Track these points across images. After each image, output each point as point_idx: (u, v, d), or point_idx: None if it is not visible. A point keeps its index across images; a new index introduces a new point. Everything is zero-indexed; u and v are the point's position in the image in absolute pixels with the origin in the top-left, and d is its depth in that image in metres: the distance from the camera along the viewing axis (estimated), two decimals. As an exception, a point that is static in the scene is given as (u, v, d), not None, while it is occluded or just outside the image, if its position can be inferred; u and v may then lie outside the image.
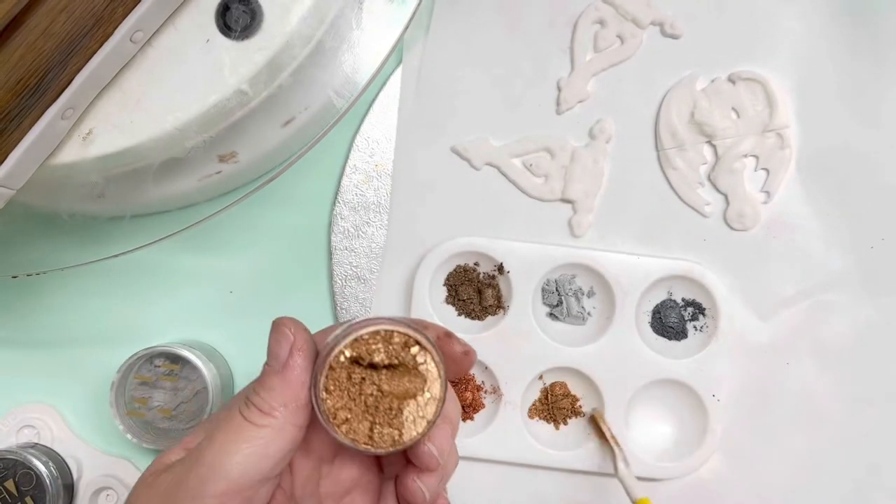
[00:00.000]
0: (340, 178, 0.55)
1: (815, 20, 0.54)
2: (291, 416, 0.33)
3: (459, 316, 0.55)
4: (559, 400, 0.54)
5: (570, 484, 0.54)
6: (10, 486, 0.52)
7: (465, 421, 0.54)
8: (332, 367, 0.33)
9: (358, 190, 0.55)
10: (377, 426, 0.33)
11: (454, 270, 0.54)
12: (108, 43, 0.41)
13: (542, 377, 0.54)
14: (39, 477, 0.52)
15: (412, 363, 0.33)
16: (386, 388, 0.33)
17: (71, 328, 0.56)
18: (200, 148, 0.45)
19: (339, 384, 0.33)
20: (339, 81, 0.47)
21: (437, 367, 0.33)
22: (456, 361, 0.35)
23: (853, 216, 0.54)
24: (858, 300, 0.54)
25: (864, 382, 0.54)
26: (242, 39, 0.44)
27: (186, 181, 0.48)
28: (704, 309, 0.54)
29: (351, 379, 0.33)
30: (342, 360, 0.33)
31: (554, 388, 0.54)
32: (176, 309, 0.56)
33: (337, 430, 0.33)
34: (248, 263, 0.56)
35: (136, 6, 0.41)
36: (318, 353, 0.34)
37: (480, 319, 0.54)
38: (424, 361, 0.33)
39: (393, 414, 0.33)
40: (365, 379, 0.33)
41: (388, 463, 0.38)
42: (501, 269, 0.53)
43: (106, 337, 0.56)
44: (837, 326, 0.54)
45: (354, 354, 0.33)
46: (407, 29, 0.47)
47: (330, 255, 0.55)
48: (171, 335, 0.56)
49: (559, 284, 0.54)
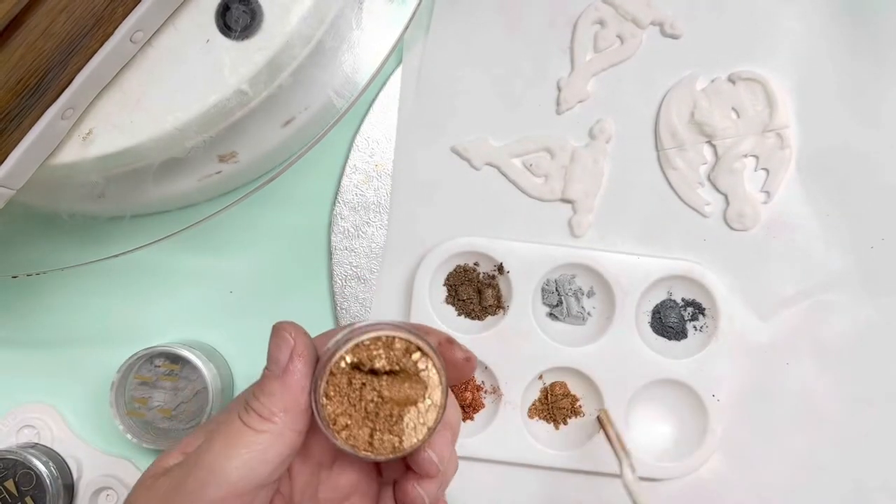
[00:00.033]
0: (340, 178, 0.55)
1: (815, 20, 0.54)
2: (291, 421, 0.33)
3: (459, 316, 0.55)
4: (559, 400, 0.54)
5: (570, 484, 0.54)
6: (10, 486, 0.52)
7: (465, 421, 0.54)
8: (332, 372, 0.33)
9: (358, 190, 0.55)
10: (377, 432, 0.33)
11: (454, 270, 0.54)
12: (108, 43, 0.41)
13: (541, 377, 0.54)
14: (39, 477, 0.52)
15: (413, 369, 0.33)
16: (386, 394, 0.33)
17: (71, 328, 0.56)
18: (200, 148, 0.45)
19: (339, 390, 0.33)
20: (339, 81, 0.47)
21: (438, 373, 0.33)
22: (457, 367, 0.35)
23: (853, 216, 0.54)
24: (858, 300, 0.54)
25: (864, 382, 0.54)
26: (242, 39, 0.44)
27: (186, 181, 0.48)
28: (704, 309, 0.54)
29: (351, 384, 0.33)
30: (343, 365, 0.33)
31: (554, 388, 0.54)
32: (176, 309, 0.56)
33: (337, 436, 0.33)
34: (248, 263, 0.56)
35: (136, 6, 0.41)
36: (318, 358, 0.34)
37: (480, 319, 0.54)
38: (426, 368, 0.33)
39: (393, 420, 0.33)
40: (365, 385, 0.33)
41: (386, 468, 0.38)
42: (501, 269, 0.53)
43: (106, 337, 0.56)
44: (837, 326, 0.54)
45: (355, 360, 0.33)
46: (407, 29, 0.47)
47: (330, 255, 0.55)
48: (171, 335, 0.56)
49: (559, 284, 0.54)
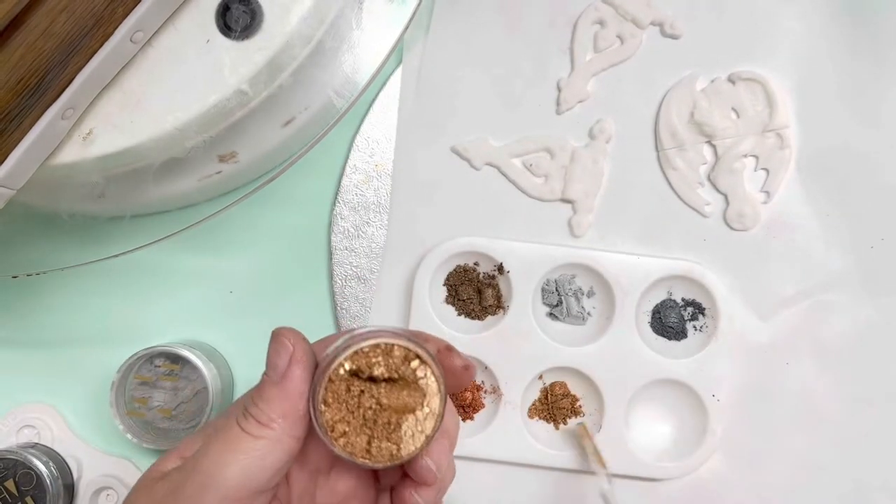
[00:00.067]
0: (340, 178, 0.55)
1: (815, 20, 0.54)
2: (289, 427, 0.33)
3: (459, 316, 0.55)
4: (559, 400, 0.54)
5: (570, 484, 0.54)
6: (10, 486, 0.52)
7: (465, 421, 0.54)
8: (331, 379, 0.32)
9: (358, 190, 0.55)
10: (375, 440, 0.33)
11: (454, 270, 0.54)
12: (108, 43, 0.41)
13: (541, 377, 0.54)
14: (40, 477, 0.52)
15: (412, 377, 0.33)
16: (385, 401, 0.33)
17: (71, 328, 0.56)
18: (200, 148, 0.45)
19: (337, 396, 0.33)
20: (339, 81, 0.47)
21: (436, 381, 0.33)
22: (456, 375, 0.35)
23: (853, 216, 0.54)
24: (858, 300, 0.54)
25: (864, 382, 0.54)
26: (242, 39, 0.44)
27: (186, 181, 0.48)
28: (704, 309, 0.54)
29: (350, 391, 0.33)
30: (342, 372, 0.32)
31: (554, 388, 0.54)
32: (176, 309, 0.56)
33: (335, 443, 0.33)
34: (248, 263, 0.56)
35: (136, 6, 0.41)
36: (317, 364, 0.34)
37: (480, 319, 0.54)
38: (424, 376, 0.33)
39: (391, 428, 0.33)
40: (364, 392, 0.33)
41: (384, 474, 0.38)
42: (501, 269, 0.53)
43: (106, 337, 0.56)
44: (837, 326, 0.54)
45: (354, 367, 0.33)
46: (407, 29, 0.47)
47: (330, 255, 0.55)
48: (171, 335, 0.56)
49: (559, 284, 0.54)
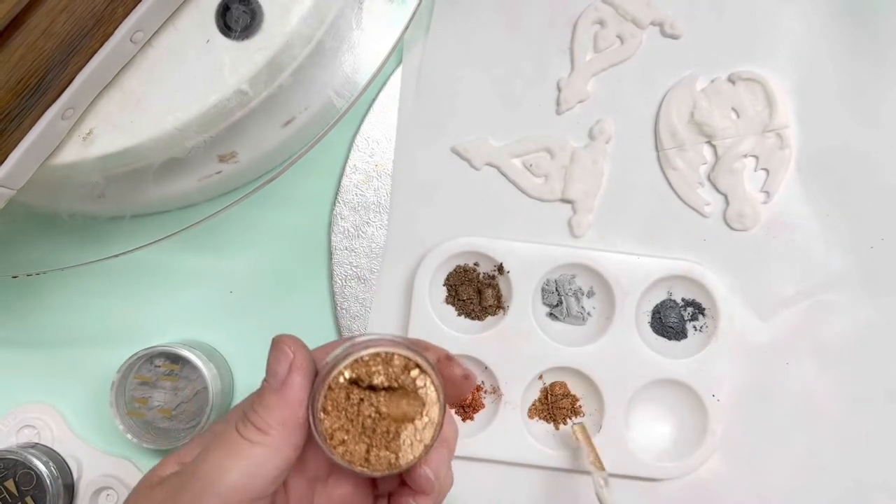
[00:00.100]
0: (340, 178, 0.55)
1: (815, 20, 0.54)
2: (288, 435, 0.33)
3: (459, 316, 0.55)
4: (559, 400, 0.54)
5: (569, 484, 0.54)
6: (10, 486, 0.52)
7: (464, 421, 0.54)
8: (331, 387, 0.32)
9: (358, 190, 0.55)
10: (374, 448, 0.33)
11: (454, 270, 0.54)
12: (108, 43, 0.41)
13: (541, 377, 0.54)
14: (40, 477, 0.52)
15: (412, 386, 0.33)
16: (384, 410, 0.33)
17: (71, 328, 0.56)
18: (200, 148, 0.45)
19: (337, 404, 0.33)
20: (339, 81, 0.47)
21: (436, 391, 0.33)
22: (455, 385, 0.35)
23: (853, 216, 0.54)
24: (858, 300, 0.54)
25: (864, 382, 0.54)
26: (242, 39, 0.44)
27: (186, 181, 0.48)
28: (704, 309, 0.54)
29: (349, 399, 0.33)
30: (341, 380, 0.33)
31: (554, 388, 0.54)
32: (176, 309, 0.56)
33: (333, 450, 0.33)
34: (248, 263, 0.56)
35: (136, 6, 0.41)
36: (317, 371, 0.34)
37: (480, 319, 0.54)
38: (424, 385, 0.33)
39: (390, 437, 0.33)
40: (363, 400, 0.33)
41: (382, 481, 0.38)
42: (501, 269, 0.53)
43: (106, 337, 0.56)
44: (837, 326, 0.54)
45: (354, 375, 0.33)
46: (407, 29, 0.47)
47: (330, 255, 0.55)
48: (171, 335, 0.56)
49: (559, 284, 0.54)
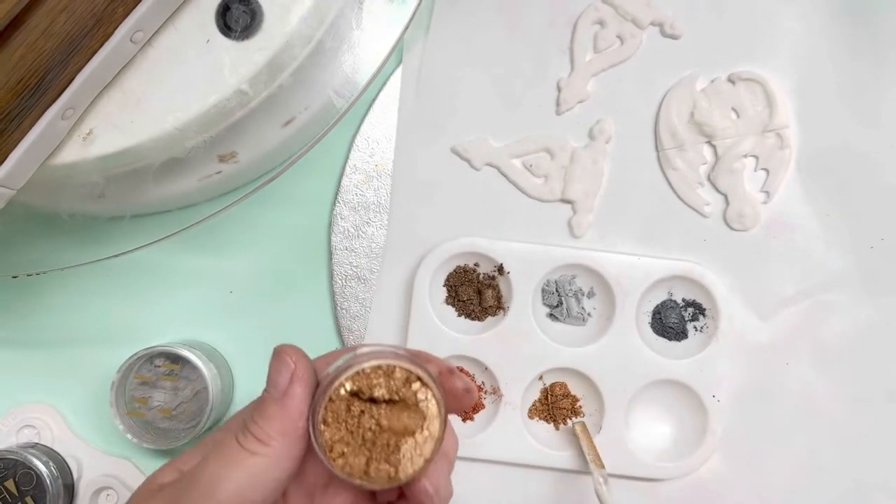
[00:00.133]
0: (340, 178, 0.55)
1: (815, 20, 0.54)
2: (288, 446, 0.33)
3: (459, 316, 0.55)
4: (559, 400, 0.54)
5: (569, 484, 0.54)
6: (10, 486, 0.52)
7: (465, 421, 0.54)
8: (331, 398, 0.32)
9: (358, 190, 0.55)
10: (374, 461, 0.33)
11: (454, 271, 0.54)
12: (108, 43, 0.41)
13: (541, 378, 0.54)
14: (40, 477, 0.52)
15: (413, 399, 0.33)
16: (385, 422, 0.33)
17: (71, 328, 0.56)
18: (200, 148, 0.45)
19: (337, 416, 0.33)
20: (339, 81, 0.47)
21: (437, 404, 0.33)
22: (457, 398, 0.35)
23: (853, 216, 0.54)
24: (858, 300, 0.54)
25: (864, 382, 0.54)
26: (242, 39, 0.44)
27: (186, 181, 0.48)
28: (704, 309, 0.54)
29: (350, 411, 0.33)
30: (342, 392, 0.32)
31: (554, 388, 0.54)
32: (176, 309, 0.56)
33: (333, 462, 0.33)
34: (248, 263, 0.56)
35: (136, 6, 0.41)
36: (318, 382, 0.34)
37: (480, 320, 0.54)
38: (425, 398, 0.33)
39: (390, 450, 0.33)
40: (364, 412, 0.33)
41: (381, 493, 0.37)
42: (501, 269, 0.53)
43: (106, 337, 0.56)
44: (837, 326, 0.54)
45: (355, 387, 0.32)
46: (407, 29, 0.47)
47: (330, 255, 0.55)
48: (171, 335, 0.56)
49: (559, 285, 0.54)
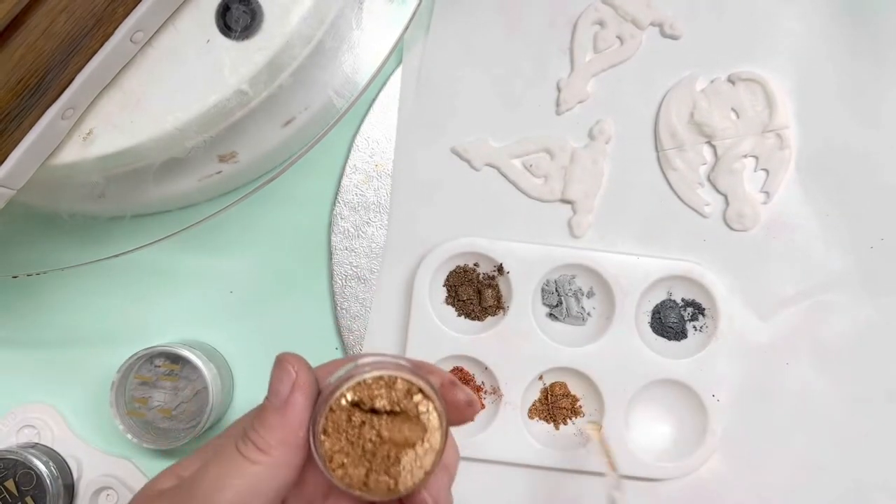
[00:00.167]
0: (340, 178, 0.55)
1: (815, 20, 0.54)
2: (287, 455, 0.32)
3: (459, 316, 0.55)
4: (559, 400, 0.54)
5: (569, 484, 0.54)
6: (10, 485, 0.52)
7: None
8: (332, 409, 0.32)
9: (358, 190, 0.55)
10: (373, 473, 0.32)
11: (454, 271, 0.54)
12: (108, 43, 0.41)
13: (541, 377, 0.54)
14: (40, 477, 0.52)
15: (414, 411, 0.33)
16: (386, 434, 0.32)
17: (71, 328, 0.56)
18: (200, 148, 0.45)
19: (338, 427, 0.32)
20: (339, 81, 0.47)
21: (438, 417, 0.33)
22: (459, 410, 0.35)
23: (853, 216, 0.54)
24: (858, 300, 0.54)
25: (864, 382, 0.54)
26: (242, 39, 0.44)
27: (187, 181, 0.48)
28: (704, 309, 0.54)
29: (351, 422, 0.32)
30: (343, 403, 0.32)
31: (554, 388, 0.54)
32: (176, 309, 0.56)
33: (332, 473, 0.32)
34: (248, 263, 0.56)
35: (136, 6, 0.41)
36: (319, 391, 0.34)
37: (480, 320, 0.54)
38: (426, 410, 0.33)
39: (390, 462, 0.32)
40: (365, 423, 0.32)
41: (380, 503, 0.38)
42: (501, 269, 0.53)
43: (106, 337, 0.56)
44: (837, 326, 0.54)
45: (356, 398, 0.32)
46: (407, 29, 0.48)
47: (330, 255, 0.55)
48: (171, 335, 0.56)
49: (559, 285, 0.54)
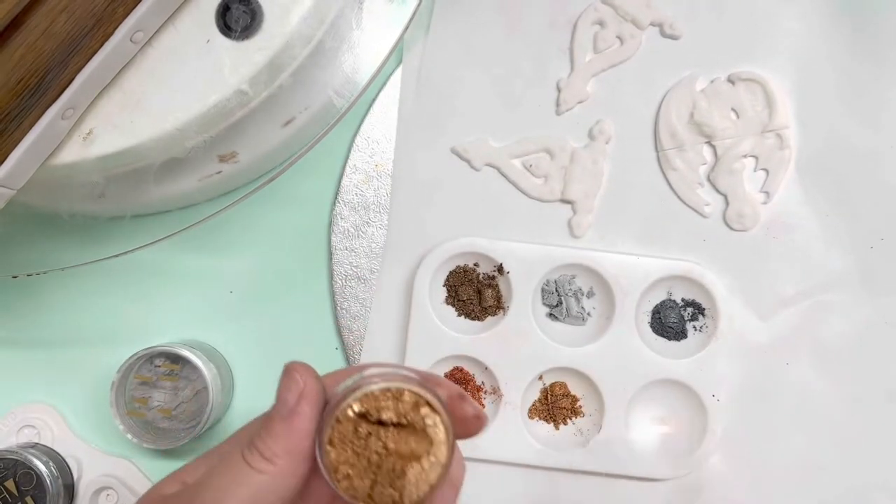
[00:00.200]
0: (340, 178, 0.55)
1: (815, 20, 0.54)
2: (293, 464, 0.32)
3: (459, 316, 0.55)
4: (559, 400, 0.54)
5: (570, 484, 0.54)
6: (10, 485, 0.52)
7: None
8: (338, 419, 0.32)
9: (358, 190, 0.55)
10: (379, 485, 0.32)
11: (454, 271, 0.54)
12: (108, 43, 0.41)
13: (541, 377, 0.54)
14: (40, 477, 0.52)
15: (421, 424, 0.32)
16: (392, 446, 0.32)
17: (71, 328, 0.56)
18: (201, 148, 0.45)
19: (344, 438, 0.32)
20: (339, 81, 0.47)
21: (445, 430, 0.32)
22: (466, 424, 0.35)
23: (852, 216, 0.54)
24: (858, 300, 0.54)
25: (864, 382, 0.54)
26: (242, 39, 0.44)
27: (187, 181, 0.48)
28: (704, 309, 0.54)
29: (357, 433, 0.32)
30: (350, 414, 0.32)
31: (554, 388, 0.54)
32: (176, 309, 0.56)
33: (338, 484, 0.32)
34: (248, 263, 0.56)
35: (136, 6, 0.41)
36: (326, 401, 0.33)
37: (480, 320, 0.54)
38: (433, 424, 0.32)
39: (396, 474, 0.32)
40: (371, 434, 0.32)
41: None
42: (501, 269, 0.53)
43: (106, 337, 0.56)
44: (837, 326, 0.54)
45: (363, 409, 0.32)
46: (407, 29, 0.48)
47: (330, 255, 0.55)
48: (171, 335, 0.56)
49: (559, 285, 0.54)
